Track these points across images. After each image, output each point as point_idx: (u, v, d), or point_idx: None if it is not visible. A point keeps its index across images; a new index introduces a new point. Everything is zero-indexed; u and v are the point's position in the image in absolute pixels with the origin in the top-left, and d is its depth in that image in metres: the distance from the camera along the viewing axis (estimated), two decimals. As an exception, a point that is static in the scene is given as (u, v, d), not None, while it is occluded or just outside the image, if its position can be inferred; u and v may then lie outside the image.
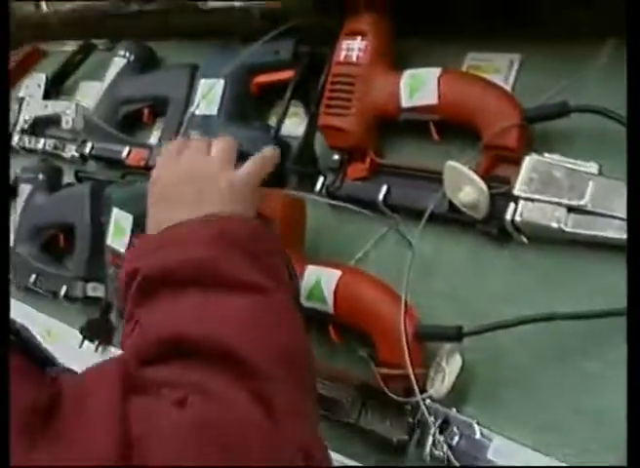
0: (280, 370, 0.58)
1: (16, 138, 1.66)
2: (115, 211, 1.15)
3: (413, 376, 0.80)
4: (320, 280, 0.92)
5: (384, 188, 0.97)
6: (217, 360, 0.56)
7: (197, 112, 1.19)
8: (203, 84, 1.21)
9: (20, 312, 1.48)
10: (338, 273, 0.91)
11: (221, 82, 1.17)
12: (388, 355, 0.85)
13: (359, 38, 1.00)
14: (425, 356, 0.85)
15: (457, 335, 0.80)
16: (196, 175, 0.76)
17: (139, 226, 1.12)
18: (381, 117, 0.98)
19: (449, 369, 0.81)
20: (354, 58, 1.00)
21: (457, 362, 0.81)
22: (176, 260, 0.65)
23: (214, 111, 1.18)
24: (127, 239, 1.13)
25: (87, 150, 1.43)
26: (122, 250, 1.14)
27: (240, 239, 0.69)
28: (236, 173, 0.79)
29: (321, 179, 1.05)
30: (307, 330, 0.70)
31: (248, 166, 0.81)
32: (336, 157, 1.03)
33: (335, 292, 0.90)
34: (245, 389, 0.55)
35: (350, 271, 0.92)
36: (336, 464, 0.87)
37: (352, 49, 1.01)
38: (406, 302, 0.84)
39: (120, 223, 1.14)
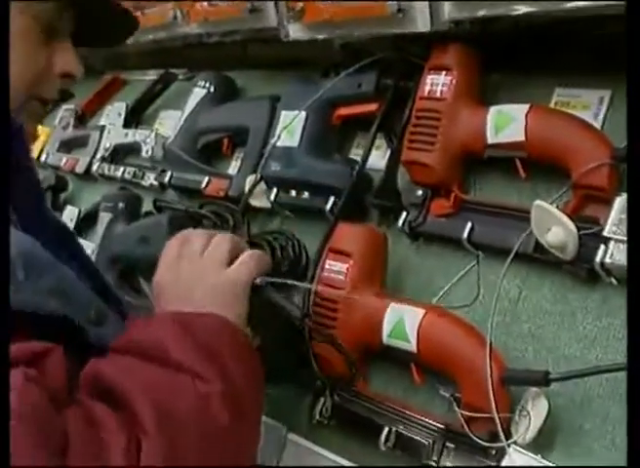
0: (154, 426, 0.66)
1: (95, 166, 1.73)
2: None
3: (498, 421, 0.81)
4: (403, 318, 0.94)
5: (469, 226, 0.99)
6: (116, 403, 0.68)
7: (278, 144, 1.23)
8: (284, 115, 1.25)
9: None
10: (421, 312, 0.93)
11: (303, 114, 1.21)
12: (473, 398, 0.86)
13: (444, 73, 1.03)
14: (510, 398, 0.86)
15: (544, 381, 0.81)
16: (189, 277, 0.87)
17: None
18: (466, 153, 1.00)
19: (534, 413, 0.82)
20: (438, 94, 1.02)
21: (543, 407, 0.81)
22: (141, 335, 0.78)
23: (295, 143, 1.21)
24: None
25: (166, 179, 1.48)
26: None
27: (196, 332, 0.78)
28: (225, 272, 0.88)
29: (404, 215, 1.07)
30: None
31: (238, 265, 0.89)
32: (419, 192, 1.05)
33: (418, 332, 0.91)
34: (125, 435, 0.64)
35: (434, 310, 0.94)
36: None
37: (437, 84, 1.03)
38: (491, 345, 0.85)
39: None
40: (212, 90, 1.47)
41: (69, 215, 1.72)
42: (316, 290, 1.01)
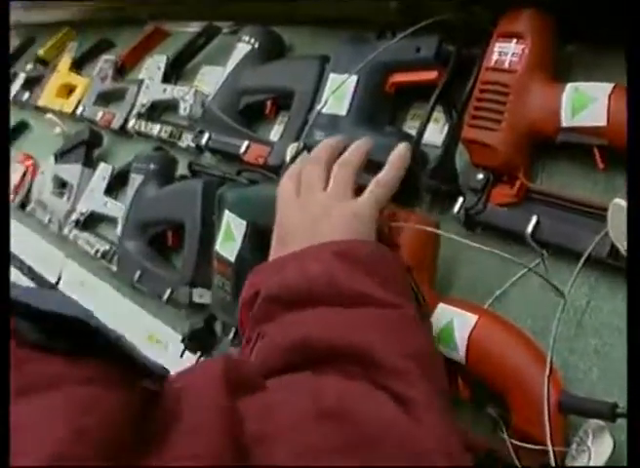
0: (416, 369, 0.58)
1: (132, 122, 1.65)
2: (227, 214, 1.10)
3: (552, 455, 0.70)
4: (452, 322, 0.83)
5: (534, 219, 0.87)
6: (348, 362, 0.57)
7: (324, 111, 1.12)
8: (332, 79, 1.13)
9: (125, 309, 1.47)
10: (474, 318, 0.82)
11: (353, 78, 1.09)
12: (524, 424, 0.76)
13: (515, 41, 0.90)
14: (567, 426, 0.75)
15: (610, 415, 0.69)
16: (313, 215, 0.77)
17: (252, 235, 1.07)
18: (536, 135, 0.88)
19: (596, 450, 0.71)
20: (507, 65, 0.90)
21: (606, 444, 0.70)
22: (294, 278, 0.67)
23: (342, 111, 1.10)
24: (237, 246, 1.08)
25: (203, 141, 1.38)
26: (230, 257, 1.09)
27: (359, 258, 0.69)
28: (353, 204, 0.79)
29: (460, 200, 0.95)
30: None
31: (368, 194, 0.81)
32: (480, 176, 0.93)
33: (468, 340, 0.81)
34: (381, 388, 0.55)
35: (488, 317, 0.83)
36: None
37: (506, 53, 0.91)
38: (551, 363, 0.74)
39: (230, 228, 1.09)
40: (257, 46, 1.35)
41: (102, 173, 1.65)
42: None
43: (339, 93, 1.10)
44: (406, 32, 1.02)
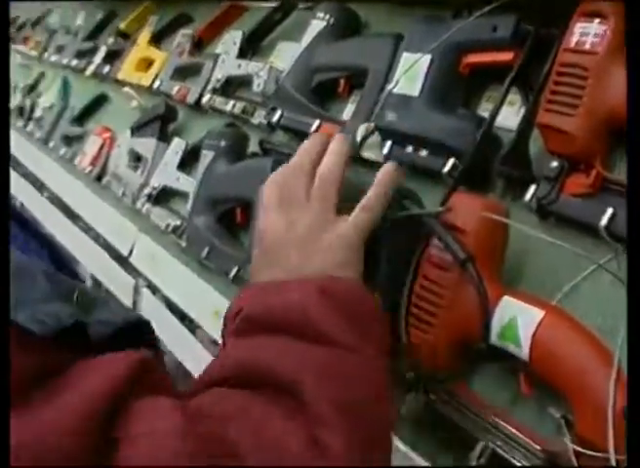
0: (342, 418, 0.59)
1: (206, 97, 1.64)
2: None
3: (615, 464, 0.67)
4: (516, 318, 0.80)
5: (609, 211, 0.82)
6: (281, 394, 0.60)
7: (395, 91, 1.09)
8: (405, 58, 1.10)
9: (192, 285, 1.47)
10: (540, 313, 0.78)
11: (427, 58, 1.06)
12: (587, 429, 0.72)
13: (597, 21, 0.85)
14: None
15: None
16: (299, 237, 0.78)
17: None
18: (615, 123, 0.83)
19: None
20: (588, 46, 0.85)
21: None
22: (273, 306, 0.69)
23: (414, 92, 1.07)
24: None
25: (275, 118, 1.36)
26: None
27: (337, 297, 0.70)
28: (338, 230, 0.79)
29: (532, 188, 0.91)
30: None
31: (353, 219, 0.80)
32: (554, 164, 0.89)
33: (533, 337, 0.77)
34: (302, 429, 0.56)
35: (555, 313, 0.79)
36: None
37: (587, 33, 0.86)
38: (619, 367, 0.70)
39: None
40: (332, 22, 1.33)
41: (176, 148, 1.65)
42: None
43: (411, 73, 1.07)
44: (482, 11, 0.98)
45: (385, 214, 0.85)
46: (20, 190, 2.85)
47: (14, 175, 2.91)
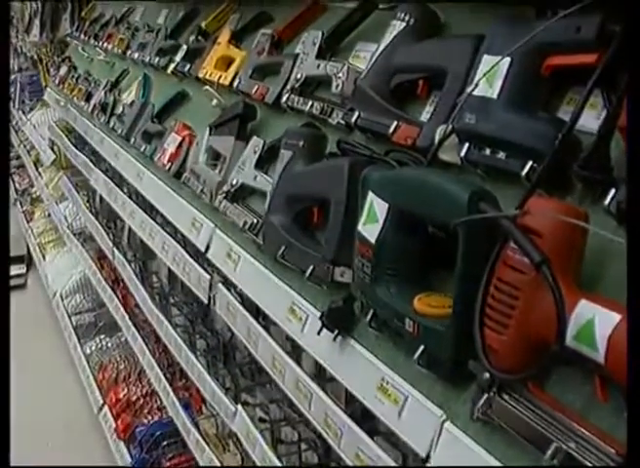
0: None
1: (285, 97, 1.68)
2: (370, 195, 1.11)
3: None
4: (593, 320, 0.80)
5: (692, 216, 0.82)
6: None
7: (475, 93, 1.10)
8: (485, 60, 1.11)
9: (268, 283, 1.50)
10: (616, 317, 0.78)
11: (507, 60, 1.06)
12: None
13: (686, 22, 0.85)
14: None
15: None
16: None
17: (394, 218, 1.07)
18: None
19: None
20: (677, 49, 0.85)
21: None
22: None
23: (494, 94, 1.08)
24: (378, 227, 1.09)
25: (353, 119, 1.39)
26: (371, 239, 1.10)
27: None
28: None
29: (612, 192, 0.91)
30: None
31: None
32: (635, 167, 0.89)
33: (609, 340, 0.78)
34: None
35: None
36: None
37: (675, 35, 0.85)
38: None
39: (373, 209, 1.10)
40: (412, 23, 1.34)
41: (254, 147, 1.69)
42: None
43: (491, 75, 1.08)
44: (566, 11, 0.98)
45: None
46: (99, 185, 2.95)
47: (96, 170, 3.01)
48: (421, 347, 1.05)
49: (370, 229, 1.10)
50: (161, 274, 2.78)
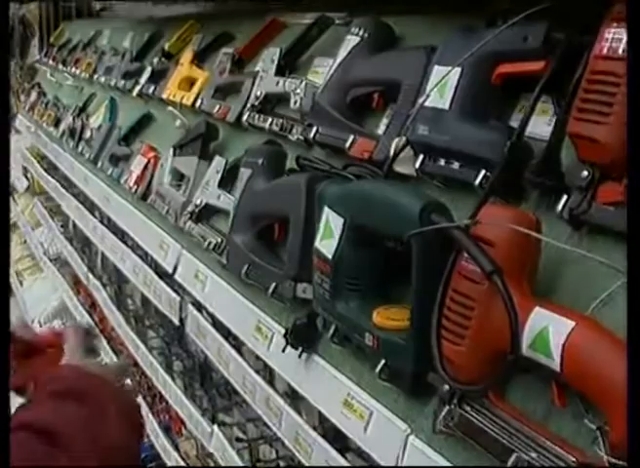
0: None
1: (246, 115, 1.66)
2: (326, 210, 1.09)
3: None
4: (548, 328, 0.79)
5: (642, 219, 0.81)
6: None
7: (426, 104, 1.09)
8: (437, 71, 1.10)
9: (235, 303, 1.48)
10: (570, 324, 0.77)
11: (457, 70, 1.05)
12: (621, 439, 0.71)
13: (629, 26, 0.84)
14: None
15: None
16: None
17: (349, 232, 1.06)
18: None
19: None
20: (620, 52, 0.84)
21: None
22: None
23: (445, 104, 1.07)
24: (334, 243, 1.07)
25: (311, 135, 1.38)
26: (329, 254, 1.08)
27: None
28: None
29: (564, 198, 0.90)
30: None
31: None
32: (584, 173, 0.88)
33: (563, 347, 0.77)
34: None
35: (586, 323, 0.78)
36: None
37: (618, 40, 0.84)
38: (653, 377, 0.68)
39: (329, 225, 1.08)
40: (366, 37, 1.33)
41: (216, 167, 1.68)
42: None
43: (442, 85, 1.07)
44: (512, 21, 0.98)
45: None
46: (71, 210, 2.92)
47: (67, 195, 2.98)
48: (382, 361, 1.03)
49: (326, 245, 1.08)
50: (135, 297, 2.75)
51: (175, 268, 1.79)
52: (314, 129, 1.37)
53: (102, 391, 0.99)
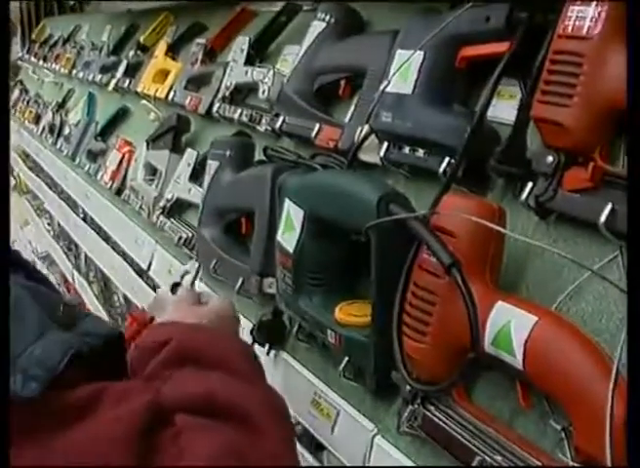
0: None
1: (216, 106, 1.61)
2: (287, 202, 1.04)
3: (614, 480, 0.60)
4: (510, 324, 0.74)
5: (609, 206, 0.75)
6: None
7: (389, 90, 1.03)
8: (399, 55, 1.04)
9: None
10: (533, 319, 0.72)
11: (419, 54, 1.00)
12: (585, 440, 0.66)
13: (593, 3, 0.78)
14: None
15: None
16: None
17: (310, 224, 1.00)
18: (614, 112, 0.76)
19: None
20: (584, 31, 0.78)
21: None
22: (206, 342, 0.83)
23: (409, 90, 1.01)
24: (296, 235, 1.02)
25: (278, 125, 1.32)
26: (290, 248, 1.03)
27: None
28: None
29: (529, 185, 0.85)
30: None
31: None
32: (549, 158, 0.82)
33: (525, 344, 0.71)
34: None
35: (550, 318, 0.73)
36: None
37: (583, 17, 0.79)
38: (618, 374, 0.63)
39: (290, 217, 1.03)
40: (332, 23, 1.27)
41: (188, 159, 1.62)
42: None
43: (404, 70, 1.01)
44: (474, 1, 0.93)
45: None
46: (54, 208, 2.87)
47: (50, 193, 2.93)
48: (345, 359, 0.98)
49: (288, 238, 1.03)
50: (119, 294, 2.70)
51: (150, 264, 1.74)
52: (281, 119, 1.32)
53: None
